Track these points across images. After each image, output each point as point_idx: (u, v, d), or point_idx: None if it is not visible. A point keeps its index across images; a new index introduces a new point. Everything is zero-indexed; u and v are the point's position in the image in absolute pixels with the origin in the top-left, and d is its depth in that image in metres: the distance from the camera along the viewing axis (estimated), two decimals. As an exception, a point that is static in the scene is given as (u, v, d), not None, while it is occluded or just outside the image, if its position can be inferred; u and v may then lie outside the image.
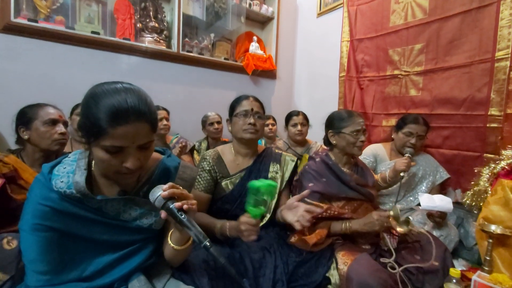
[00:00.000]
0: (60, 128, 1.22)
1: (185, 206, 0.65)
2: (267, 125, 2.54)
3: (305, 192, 1.04)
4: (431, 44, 1.90)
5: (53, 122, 1.21)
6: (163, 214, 0.66)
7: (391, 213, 1.13)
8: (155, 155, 0.87)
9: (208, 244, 0.64)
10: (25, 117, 1.20)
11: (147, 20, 2.28)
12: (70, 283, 0.67)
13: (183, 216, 0.65)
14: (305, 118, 2.17)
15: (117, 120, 0.62)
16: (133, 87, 0.68)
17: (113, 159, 0.65)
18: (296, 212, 0.99)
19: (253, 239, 0.91)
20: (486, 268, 1.21)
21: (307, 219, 0.94)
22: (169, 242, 0.75)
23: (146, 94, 0.70)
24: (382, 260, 1.12)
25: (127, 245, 0.76)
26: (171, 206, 0.66)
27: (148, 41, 2.24)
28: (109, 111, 0.62)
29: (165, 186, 0.67)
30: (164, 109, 2.12)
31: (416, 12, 1.98)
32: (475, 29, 1.68)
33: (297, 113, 2.16)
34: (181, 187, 0.70)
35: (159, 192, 0.66)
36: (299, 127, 2.11)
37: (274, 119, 2.59)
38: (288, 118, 2.16)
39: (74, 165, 0.72)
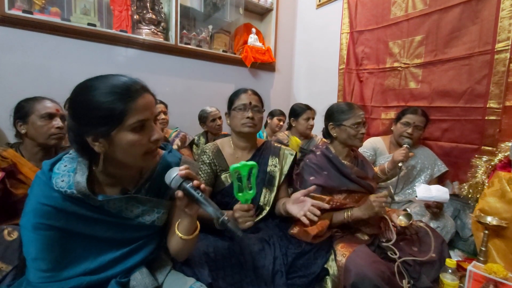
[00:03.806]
0: (57, 122, 1.20)
1: (202, 186, 0.69)
2: (279, 120, 2.53)
3: (312, 187, 1.06)
4: (431, 35, 1.88)
5: (50, 116, 1.19)
6: (180, 193, 0.68)
7: (386, 192, 1.15)
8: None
9: (226, 218, 0.68)
10: (22, 111, 1.19)
11: (144, 12, 2.24)
12: (73, 278, 0.67)
13: (200, 194, 0.68)
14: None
15: (131, 95, 0.63)
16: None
17: (142, 137, 0.67)
18: (302, 206, 1.01)
19: (250, 226, 0.90)
20: (482, 259, 1.23)
21: (316, 213, 0.97)
22: (177, 232, 0.75)
23: None
24: (384, 244, 1.14)
25: (130, 242, 0.77)
26: (187, 186, 0.68)
27: (145, 33, 2.21)
28: (118, 90, 0.62)
29: (181, 167, 0.69)
30: (162, 102, 2.10)
31: (416, 3, 1.96)
32: (475, 20, 1.67)
33: (310, 107, 2.14)
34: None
35: (176, 172, 0.69)
36: (311, 121, 2.11)
37: (284, 115, 2.58)
38: (301, 111, 2.11)
39: (75, 163, 0.71)
